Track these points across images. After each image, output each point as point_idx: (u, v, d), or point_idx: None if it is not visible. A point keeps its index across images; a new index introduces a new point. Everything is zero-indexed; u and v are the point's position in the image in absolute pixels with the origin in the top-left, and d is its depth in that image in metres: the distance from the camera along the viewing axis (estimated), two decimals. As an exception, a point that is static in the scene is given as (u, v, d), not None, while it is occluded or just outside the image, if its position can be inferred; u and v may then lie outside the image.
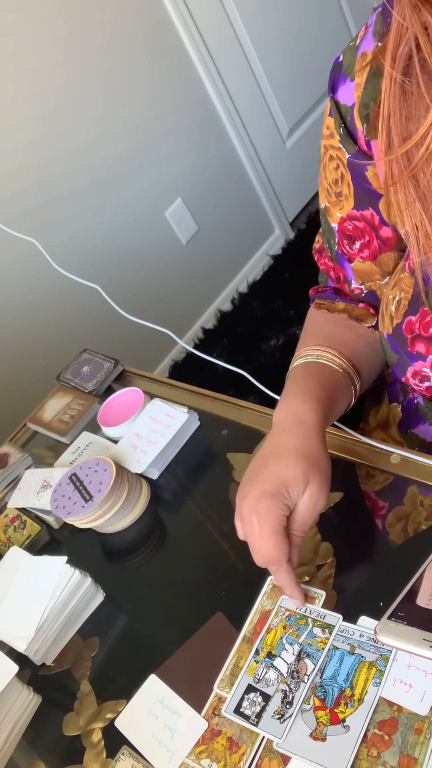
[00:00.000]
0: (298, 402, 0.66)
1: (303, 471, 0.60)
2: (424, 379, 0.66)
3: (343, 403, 0.71)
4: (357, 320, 0.76)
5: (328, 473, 0.62)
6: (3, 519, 0.93)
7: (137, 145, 2.08)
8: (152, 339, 1.61)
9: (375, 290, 0.73)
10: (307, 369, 0.70)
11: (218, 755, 0.59)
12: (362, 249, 0.68)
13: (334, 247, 0.72)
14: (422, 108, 0.50)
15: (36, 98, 1.81)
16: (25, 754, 0.70)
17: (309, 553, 0.70)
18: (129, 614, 0.77)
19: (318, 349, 0.72)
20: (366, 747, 0.54)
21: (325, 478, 0.61)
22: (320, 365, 0.70)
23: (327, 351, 0.71)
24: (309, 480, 0.60)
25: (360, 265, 0.70)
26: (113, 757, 0.64)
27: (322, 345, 0.72)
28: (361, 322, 0.76)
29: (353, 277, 0.73)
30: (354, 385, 0.72)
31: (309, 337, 0.76)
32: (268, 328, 2.27)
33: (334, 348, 0.72)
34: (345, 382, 0.70)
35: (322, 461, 0.62)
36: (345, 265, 0.73)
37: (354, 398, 0.73)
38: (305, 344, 0.74)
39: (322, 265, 0.78)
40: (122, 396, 0.98)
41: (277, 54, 2.40)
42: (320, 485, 0.61)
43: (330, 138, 0.64)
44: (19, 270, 1.83)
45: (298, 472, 0.60)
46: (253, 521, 0.60)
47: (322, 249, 0.77)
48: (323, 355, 0.71)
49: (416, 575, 0.59)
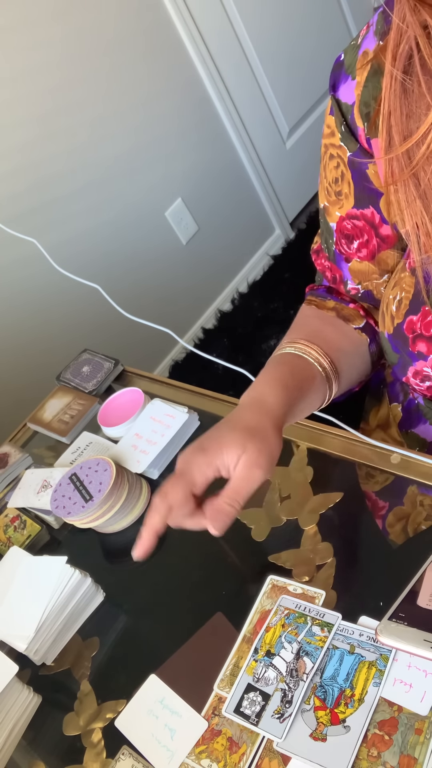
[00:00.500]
0: (263, 385, 0.66)
1: (241, 438, 0.60)
2: (425, 378, 0.66)
3: (315, 396, 0.69)
4: (345, 320, 0.75)
5: (271, 449, 0.60)
6: (3, 519, 0.93)
7: (137, 144, 2.08)
8: (152, 339, 1.61)
9: (372, 290, 0.72)
10: (283, 359, 0.70)
11: (218, 755, 0.59)
12: (360, 248, 0.68)
13: (332, 247, 0.72)
14: (423, 106, 0.50)
15: (36, 98, 1.81)
16: (25, 754, 0.70)
17: (309, 553, 0.70)
18: (129, 614, 0.77)
19: (299, 343, 0.71)
20: (366, 747, 0.54)
21: (264, 451, 0.60)
22: (296, 356, 0.70)
23: (306, 345, 0.71)
24: (246, 448, 0.59)
25: (358, 265, 0.70)
26: (113, 757, 0.64)
27: (303, 339, 0.72)
28: (349, 322, 0.75)
29: (350, 277, 0.73)
30: (330, 382, 0.71)
31: (293, 331, 0.76)
32: (268, 328, 2.27)
33: (314, 343, 0.71)
34: (319, 378, 0.69)
35: (266, 436, 0.61)
36: (342, 265, 0.72)
37: (329, 396, 0.72)
38: (289, 337, 0.74)
39: (318, 265, 0.78)
40: (122, 396, 0.98)
41: (277, 54, 2.40)
42: (257, 456, 0.59)
43: (331, 137, 0.64)
44: (20, 270, 1.83)
45: (236, 437, 0.60)
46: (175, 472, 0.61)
47: (319, 249, 0.77)
48: (302, 348, 0.71)
49: (417, 576, 0.59)
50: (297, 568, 0.69)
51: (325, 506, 0.74)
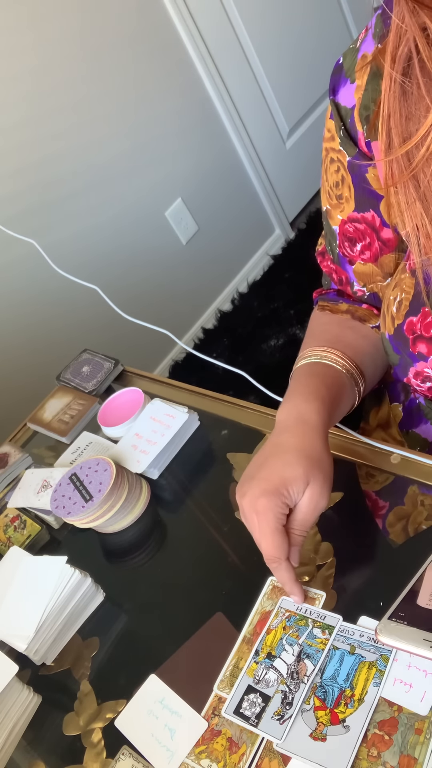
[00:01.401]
0: (301, 402, 0.66)
1: (304, 470, 0.60)
2: (426, 379, 0.66)
3: (347, 403, 0.71)
4: (360, 321, 0.76)
5: (330, 474, 0.62)
6: (3, 519, 0.93)
7: (137, 145, 2.08)
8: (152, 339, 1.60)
9: (377, 292, 0.73)
10: (311, 369, 0.70)
11: (218, 755, 0.59)
12: (363, 251, 0.68)
13: (335, 250, 0.72)
14: (422, 108, 0.50)
15: (35, 98, 1.81)
16: (25, 754, 0.70)
17: (309, 553, 0.70)
18: (129, 614, 0.77)
19: (321, 350, 0.71)
20: (366, 747, 0.54)
21: (326, 479, 0.61)
22: (324, 366, 0.70)
23: (330, 352, 0.71)
24: (310, 480, 0.60)
25: (361, 267, 0.71)
26: (113, 757, 0.64)
27: (325, 346, 0.72)
28: (365, 322, 0.76)
29: (355, 279, 0.73)
30: (358, 386, 0.72)
31: (312, 339, 0.76)
32: (268, 328, 2.27)
33: (337, 349, 0.72)
34: (349, 383, 0.70)
35: (323, 461, 0.62)
36: (347, 267, 0.73)
37: (358, 399, 0.73)
38: (309, 345, 0.74)
39: (324, 267, 0.78)
40: (122, 396, 0.98)
41: (277, 54, 2.40)
42: (321, 485, 0.61)
43: (331, 141, 0.64)
44: (19, 271, 1.83)
45: (299, 471, 0.60)
46: (254, 519, 0.60)
47: (324, 252, 0.77)
48: (326, 355, 0.71)
49: (417, 575, 0.59)
50: (297, 568, 0.69)
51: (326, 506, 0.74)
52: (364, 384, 0.72)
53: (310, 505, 0.61)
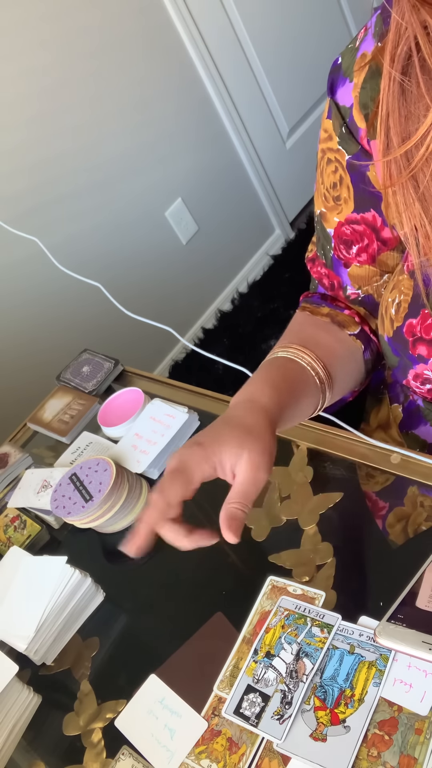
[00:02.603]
0: (255, 388, 0.65)
1: (239, 438, 0.58)
2: (425, 381, 0.66)
3: (308, 400, 0.68)
4: (339, 326, 0.75)
5: (271, 449, 0.59)
6: (3, 519, 0.93)
7: (137, 144, 2.08)
8: (152, 339, 1.61)
9: (372, 293, 0.72)
10: (275, 362, 0.70)
11: (218, 755, 0.59)
12: (359, 253, 0.68)
13: (329, 254, 0.72)
14: (422, 108, 0.50)
15: (37, 97, 1.81)
16: (25, 754, 0.70)
17: (309, 553, 0.70)
18: (129, 614, 0.77)
19: (292, 347, 0.71)
20: (366, 747, 0.54)
21: (265, 451, 0.59)
22: (288, 360, 0.69)
23: (299, 349, 0.70)
24: (246, 447, 0.58)
25: (357, 270, 0.70)
26: (113, 757, 0.64)
27: (296, 344, 0.71)
28: (344, 328, 0.75)
29: (349, 282, 0.72)
30: (323, 387, 0.70)
31: (286, 336, 0.76)
32: (268, 328, 2.27)
33: (308, 348, 0.71)
34: (312, 382, 0.69)
35: (264, 437, 0.59)
36: (341, 271, 0.72)
37: (322, 402, 0.71)
38: (281, 342, 0.74)
39: (314, 273, 0.78)
40: (122, 396, 0.98)
41: (277, 54, 2.40)
42: (260, 455, 0.58)
43: (328, 141, 0.64)
44: (21, 268, 1.83)
45: (234, 436, 0.58)
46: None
47: (315, 257, 0.77)
48: (295, 353, 0.70)
49: (416, 577, 0.59)
50: (297, 568, 0.69)
51: (325, 506, 0.74)
52: (331, 386, 0.70)
53: (248, 475, 0.57)
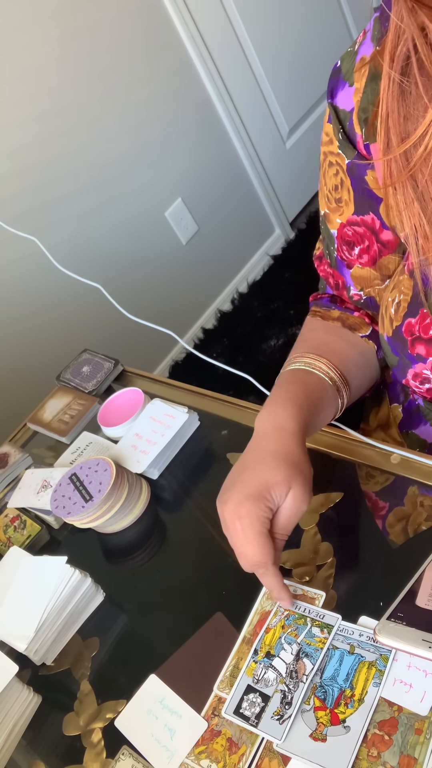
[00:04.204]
0: (279, 409, 0.66)
1: (285, 474, 0.60)
2: (424, 381, 0.66)
3: (328, 412, 0.70)
4: (350, 329, 0.76)
5: (310, 478, 0.62)
6: (3, 519, 0.93)
7: (137, 145, 2.08)
8: (152, 339, 1.61)
9: (374, 296, 0.72)
10: (294, 376, 0.71)
11: (218, 756, 0.59)
12: (361, 254, 0.68)
13: (333, 254, 0.72)
14: (420, 108, 0.50)
15: (37, 97, 1.81)
16: (25, 754, 0.70)
17: (309, 553, 0.70)
18: (129, 614, 0.77)
19: (307, 357, 0.72)
20: (366, 747, 0.54)
21: (306, 482, 0.61)
22: (307, 372, 0.70)
23: (316, 359, 0.71)
24: (291, 483, 0.60)
25: (359, 271, 0.70)
26: (113, 757, 0.64)
27: (312, 353, 0.72)
28: (355, 331, 0.75)
29: (352, 283, 0.73)
30: (341, 394, 0.71)
31: (301, 345, 0.76)
32: (268, 328, 2.27)
33: (323, 356, 0.71)
34: (331, 391, 0.70)
35: (303, 466, 0.62)
36: (344, 271, 0.73)
37: (341, 407, 0.72)
38: (296, 351, 0.75)
39: (321, 272, 0.78)
40: (122, 396, 0.98)
41: (277, 54, 2.40)
42: (303, 488, 0.60)
43: (329, 144, 0.64)
44: (20, 269, 1.83)
45: (281, 475, 0.60)
46: (236, 526, 0.60)
47: (321, 256, 0.77)
48: (312, 363, 0.71)
49: (416, 576, 0.59)
50: (297, 568, 0.69)
51: (325, 506, 0.74)
52: (348, 393, 0.72)
53: (293, 509, 0.60)
